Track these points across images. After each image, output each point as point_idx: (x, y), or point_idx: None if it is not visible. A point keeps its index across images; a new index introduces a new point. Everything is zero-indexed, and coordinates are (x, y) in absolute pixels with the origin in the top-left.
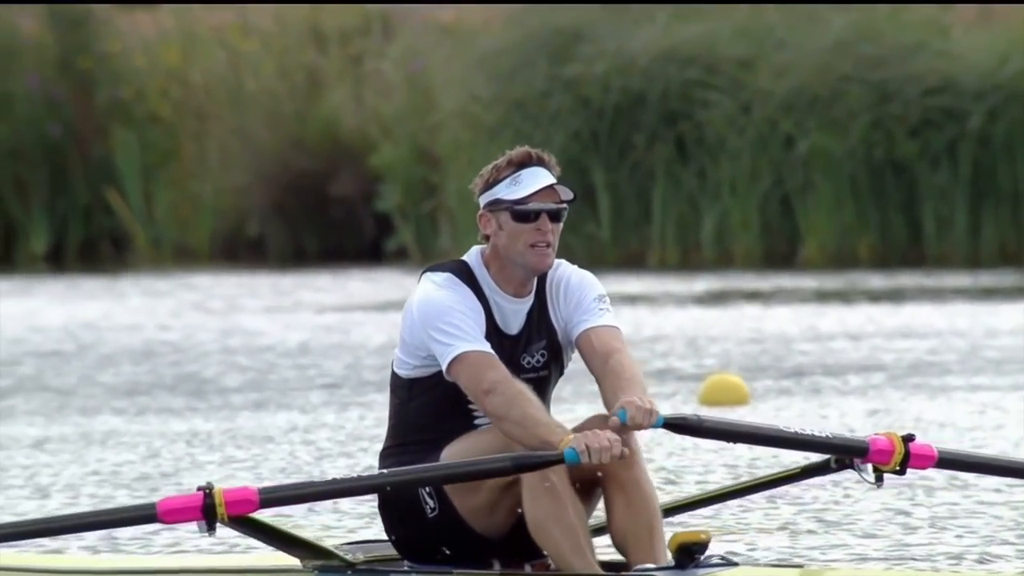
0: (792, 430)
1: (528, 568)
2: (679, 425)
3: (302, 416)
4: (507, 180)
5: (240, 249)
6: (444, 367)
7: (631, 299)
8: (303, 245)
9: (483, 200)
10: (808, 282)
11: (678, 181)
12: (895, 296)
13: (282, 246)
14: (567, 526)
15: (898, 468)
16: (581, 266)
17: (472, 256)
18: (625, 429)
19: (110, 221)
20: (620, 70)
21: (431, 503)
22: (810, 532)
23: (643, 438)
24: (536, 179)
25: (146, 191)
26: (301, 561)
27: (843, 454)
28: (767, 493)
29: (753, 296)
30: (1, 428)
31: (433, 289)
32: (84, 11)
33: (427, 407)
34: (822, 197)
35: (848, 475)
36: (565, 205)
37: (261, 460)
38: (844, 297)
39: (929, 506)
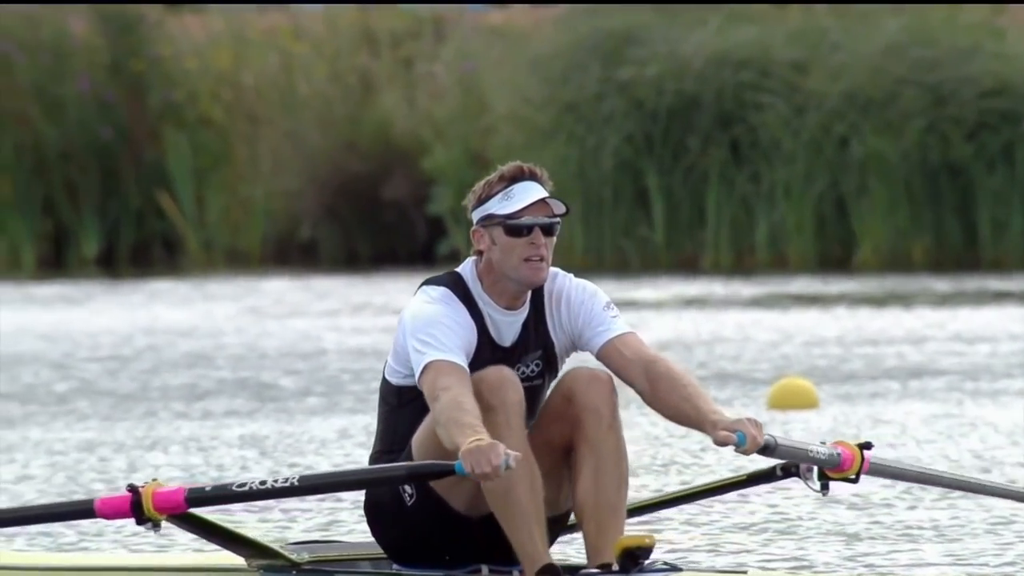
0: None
1: (516, 574)
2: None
3: (363, 418)
4: (499, 195)
5: (292, 253)
6: (416, 376)
7: (687, 302)
8: (355, 248)
9: (476, 215)
10: (864, 285)
11: (732, 184)
12: (951, 300)
13: (334, 249)
14: (516, 502)
15: (853, 477)
16: (635, 270)
17: (466, 269)
18: (740, 450)
19: (162, 224)
20: (674, 73)
21: (409, 490)
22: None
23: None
24: (528, 193)
25: (198, 194)
26: (246, 560)
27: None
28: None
29: (810, 300)
30: (65, 431)
31: (427, 302)
32: (135, 14)
33: (415, 414)
34: (877, 200)
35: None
36: (558, 219)
37: (321, 462)
38: (902, 300)
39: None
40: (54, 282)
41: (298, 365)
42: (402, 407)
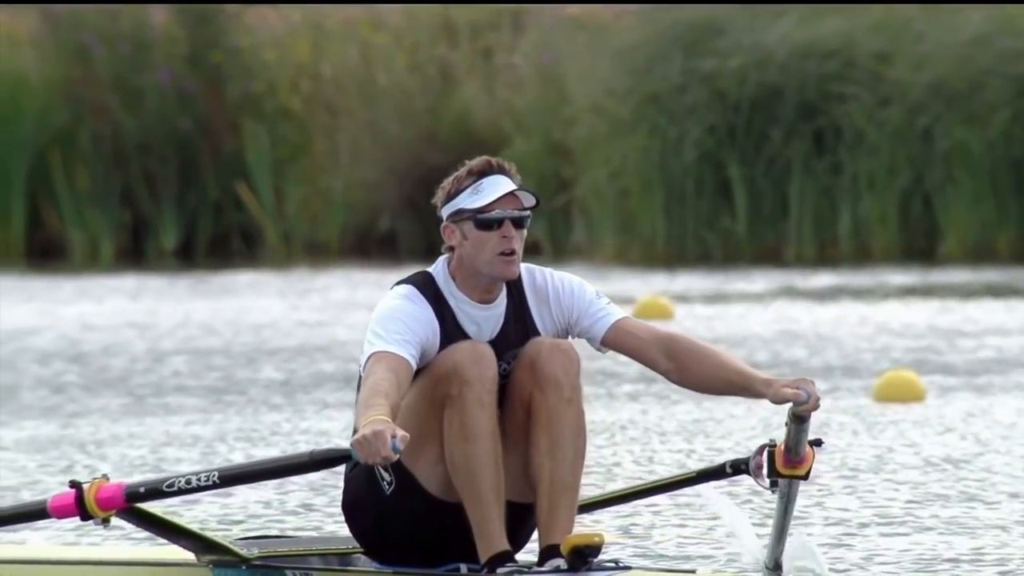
0: None
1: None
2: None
3: None
4: (468, 190)
5: (371, 244)
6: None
7: (771, 294)
8: (435, 240)
9: (445, 212)
10: (952, 277)
11: (815, 175)
12: None
13: (414, 241)
14: (476, 484)
15: (804, 475)
16: (718, 262)
17: (438, 268)
18: (801, 409)
19: (240, 216)
20: (757, 64)
21: (387, 476)
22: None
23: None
24: (497, 187)
25: (276, 186)
26: (196, 556)
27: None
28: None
29: (900, 291)
30: (160, 425)
31: (391, 298)
32: (214, 5)
33: None
34: (961, 191)
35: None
36: (528, 212)
37: None
38: (992, 292)
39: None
40: (132, 274)
41: None
42: None
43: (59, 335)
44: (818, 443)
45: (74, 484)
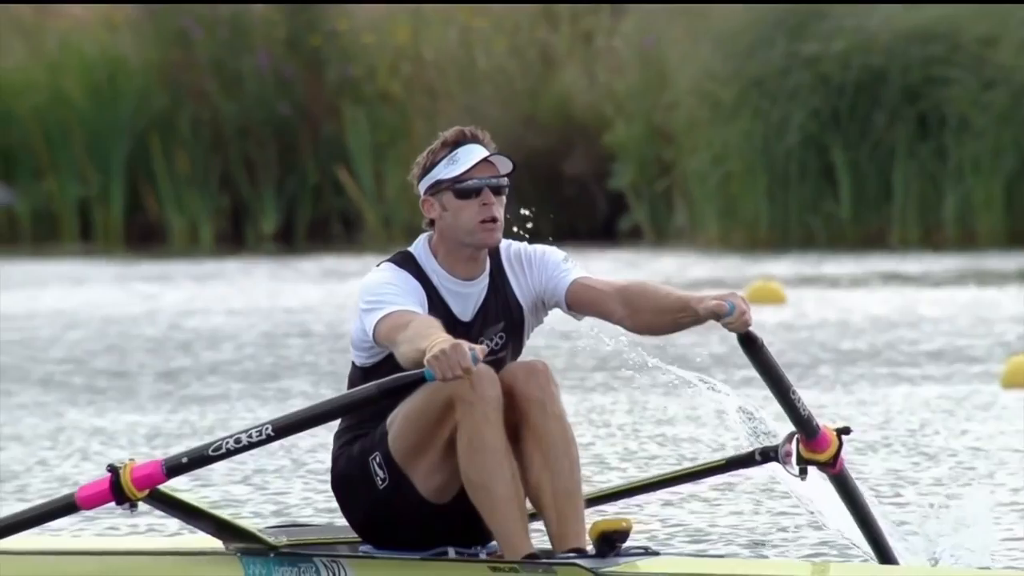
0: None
1: (483, 554)
2: (752, 340)
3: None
4: (444, 160)
5: None
6: (371, 335)
7: (876, 279)
8: (536, 224)
9: (423, 185)
10: None
11: (919, 159)
12: None
13: (515, 225)
14: (497, 495)
15: (830, 461)
16: (821, 246)
17: (418, 246)
18: (727, 322)
19: (340, 200)
20: (860, 47)
21: (381, 474)
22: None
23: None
24: (472, 155)
25: (376, 170)
26: (224, 543)
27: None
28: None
29: (1008, 276)
30: (278, 410)
31: (376, 274)
32: None
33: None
34: None
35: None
36: (505, 178)
37: None
38: None
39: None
40: (232, 258)
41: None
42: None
43: (164, 320)
44: (846, 431)
45: (111, 468)
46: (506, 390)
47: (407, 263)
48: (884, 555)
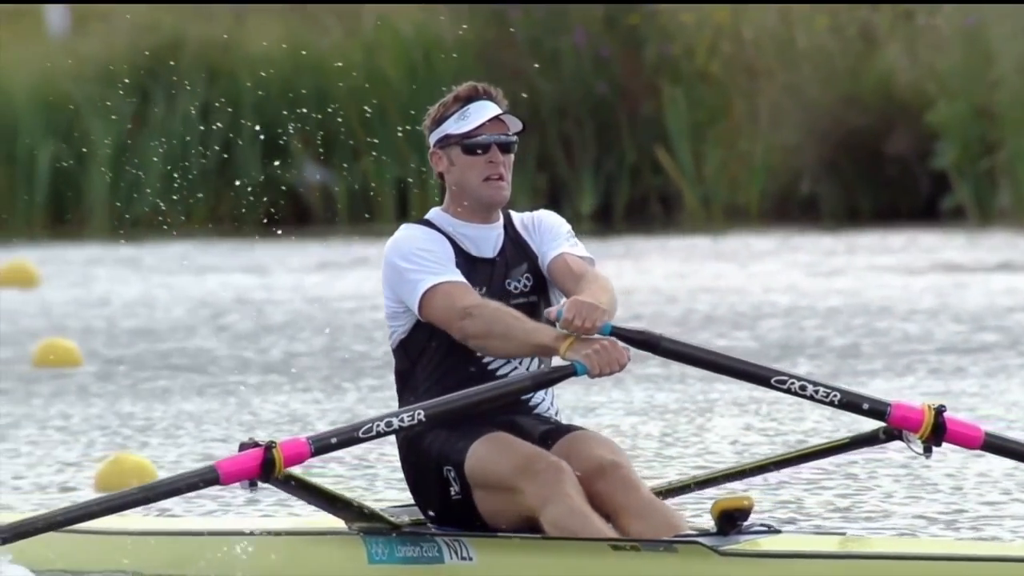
0: (775, 369)
1: None
2: (633, 339)
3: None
4: (455, 115)
5: (792, 208)
6: (416, 307)
7: None
8: (856, 204)
9: (433, 138)
10: None
11: None
12: None
13: (835, 205)
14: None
15: (927, 439)
16: None
17: (433, 213)
18: (565, 326)
19: (657, 180)
20: None
21: (455, 487)
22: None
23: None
24: (484, 112)
25: (695, 150)
26: (347, 523)
27: (851, 410)
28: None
29: None
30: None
31: (405, 232)
32: None
33: (431, 366)
34: None
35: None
36: (515, 137)
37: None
38: None
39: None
40: None
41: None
42: (415, 364)
43: None
44: (942, 409)
45: (265, 444)
46: (575, 463)
47: (426, 224)
48: None
